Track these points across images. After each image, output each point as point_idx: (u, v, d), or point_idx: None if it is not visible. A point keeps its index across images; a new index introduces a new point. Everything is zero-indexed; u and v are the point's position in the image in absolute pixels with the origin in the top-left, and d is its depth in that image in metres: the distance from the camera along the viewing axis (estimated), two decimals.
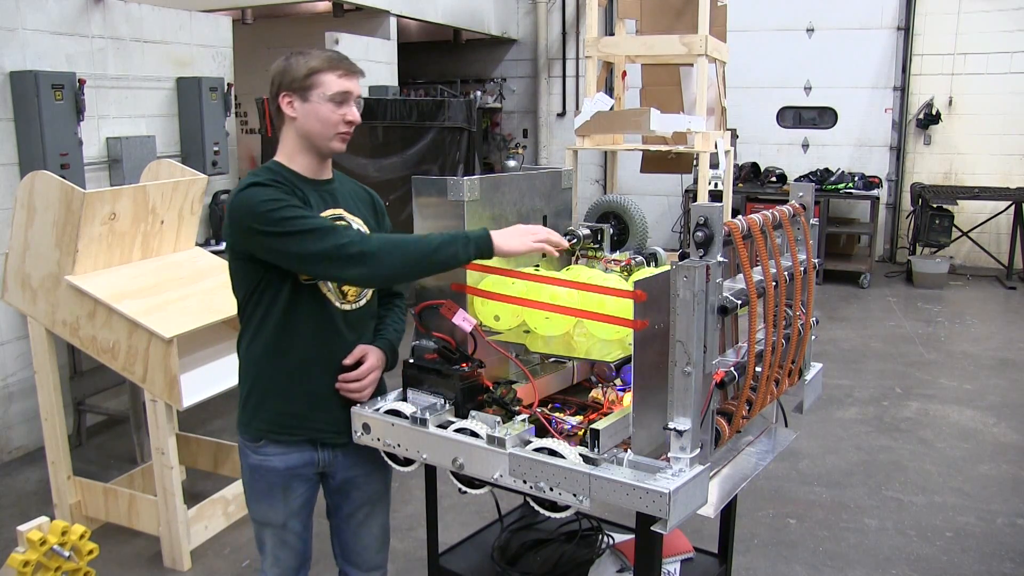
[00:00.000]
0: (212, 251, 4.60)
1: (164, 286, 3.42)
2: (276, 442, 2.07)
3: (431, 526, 2.28)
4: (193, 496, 3.67)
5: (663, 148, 5.35)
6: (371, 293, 2.12)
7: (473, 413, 1.87)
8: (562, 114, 10.26)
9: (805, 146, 9.41)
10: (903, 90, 8.94)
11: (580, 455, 1.68)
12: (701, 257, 1.58)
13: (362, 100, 2.04)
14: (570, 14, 10.03)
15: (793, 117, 9.47)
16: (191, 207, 3.73)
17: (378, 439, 2.00)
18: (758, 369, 1.76)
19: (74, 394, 4.41)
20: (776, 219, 1.86)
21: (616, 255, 2.24)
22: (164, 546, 3.37)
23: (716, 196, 5.14)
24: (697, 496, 1.61)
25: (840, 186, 8.39)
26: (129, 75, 4.97)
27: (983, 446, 4.52)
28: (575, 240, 2.22)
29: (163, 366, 3.07)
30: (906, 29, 8.80)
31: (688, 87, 5.47)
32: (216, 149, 5.42)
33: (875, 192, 8.45)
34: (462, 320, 1.95)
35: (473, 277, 2.00)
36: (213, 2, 6.70)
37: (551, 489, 1.68)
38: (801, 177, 8.86)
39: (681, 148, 5.27)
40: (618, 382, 2.07)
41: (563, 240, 1.99)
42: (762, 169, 9.08)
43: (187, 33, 5.37)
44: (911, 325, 6.89)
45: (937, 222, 8.21)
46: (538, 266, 2.13)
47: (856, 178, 8.49)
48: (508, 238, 1.88)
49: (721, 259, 1.59)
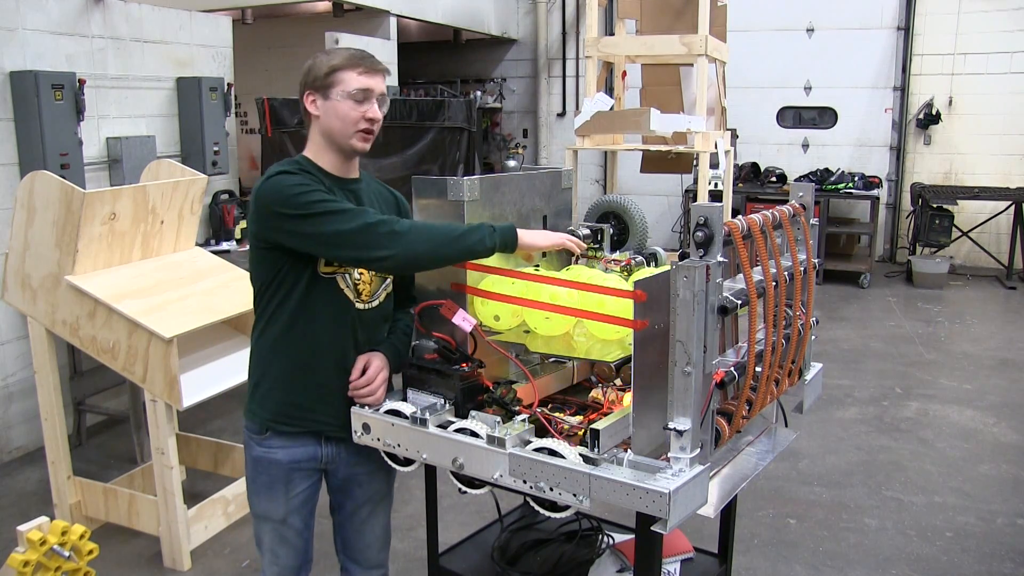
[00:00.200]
0: (212, 251, 4.62)
1: (164, 286, 3.42)
2: (280, 434, 2.09)
3: (431, 526, 2.28)
4: (193, 496, 3.67)
5: (663, 148, 5.35)
6: (384, 296, 2.13)
7: (473, 413, 1.87)
8: (562, 114, 10.26)
9: (805, 146, 9.41)
10: (903, 90, 8.94)
11: (580, 455, 1.68)
12: (701, 257, 1.58)
13: (388, 99, 2.04)
14: (570, 14, 10.03)
15: (793, 117, 9.47)
16: (191, 207, 3.73)
17: (378, 439, 2.00)
18: (758, 369, 1.76)
19: (74, 394, 4.41)
20: (776, 219, 1.86)
21: (616, 255, 2.23)
22: (164, 546, 3.37)
23: (716, 196, 5.14)
24: (697, 496, 1.61)
25: (840, 186, 8.39)
26: (129, 75, 4.97)
27: (983, 446, 4.52)
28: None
29: (163, 366, 3.07)
30: (906, 29, 8.80)
31: (688, 87, 5.48)
32: (216, 149, 5.41)
33: (875, 192, 8.44)
34: (462, 320, 1.95)
35: (473, 277, 2.00)
36: (213, 2, 6.69)
37: (551, 489, 1.68)
38: (801, 177, 8.86)
39: (681, 148, 5.27)
40: (618, 382, 2.07)
41: (582, 243, 2.14)
42: (762, 169, 9.08)
43: (187, 33, 5.37)
44: (911, 325, 6.89)
45: (937, 222, 8.21)
46: (538, 266, 2.12)
47: (856, 178, 8.49)
48: (532, 233, 1.99)
49: (721, 259, 1.59)
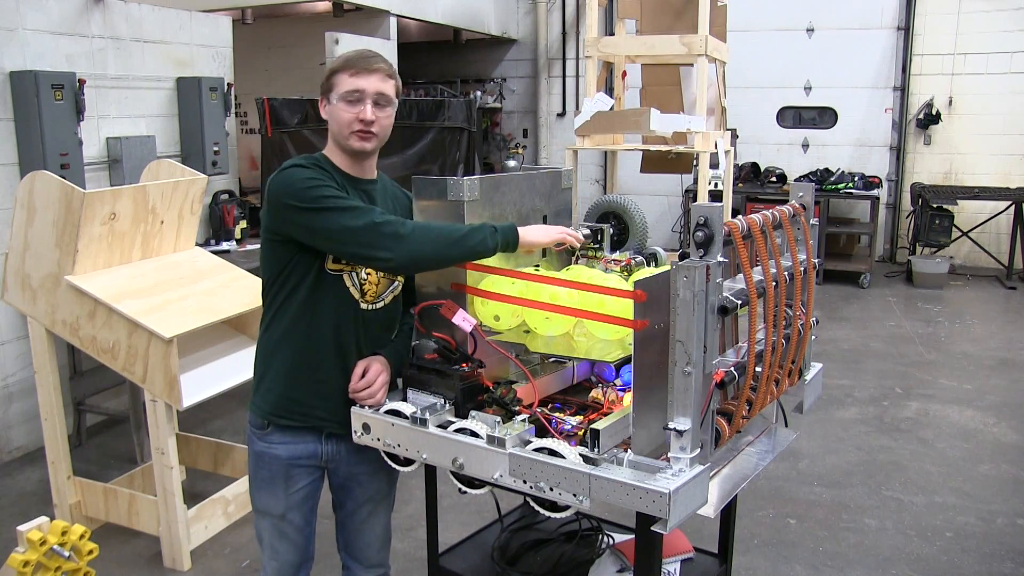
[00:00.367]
0: (212, 251, 4.62)
1: (164, 286, 3.42)
2: (281, 429, 2.10)
3: (431, 526, 2.28)
4: (193, 496, 3.67)
5: (663, 148, 5.35)
6: (392, 298, 2.13)
7: (473, 413, 1.87)
8: (562, 114, 10.26)
9: (805, 146, 9.41)
10: (903, 90, 8.94)
11: (580, 455, 1.68)
12: (701, 257, 1.58)
13: (391, 98, 2.03)
14: (570, 14, 10.03)
15: (793, 117, 9.47)
16: (191, 207, 3.73)
17: (378, 439, 2.00)
18: (758, 369, 1.76)
19: (74, 394, 4.41)
20: (776, 219, 1.86)
21: (616, 255, 2.23)
22: (164, 546, 3.37)
23: (716, 196, 5.14)
24: (697, 496, 1.61)
25: (840, 186, 8.39)
26: (129, 75, 4.97)
27: (983, 446, 4.52)
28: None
29: (163, 366, 3.07)
30: (906, 29, 8.80)
31: (688, 87, 5.48)
32: (216, 149, 5.41)
33: (875, 192, 8.44)
34: (462, 320, 1.95)
35: (473, 277, 2.00)
36: (213, 2, 6.69)
37: (551, 489, 1.68)
38: (801, 177, 8.86)
39: (681, 148, 5.27)
40: (618, 382, 2.07)
41: (580, 236, 2.14)
42: (762, 169, 9.08)
43: (187, 33, 5.37)
44: (911, 325, 6.89)
45: (937, 222, 8.21)
46: (538, 266, 2.13)
47: (856, 178, 8.49)
48: (532, 230, 2.01)
49: (721, 259, 1.59)
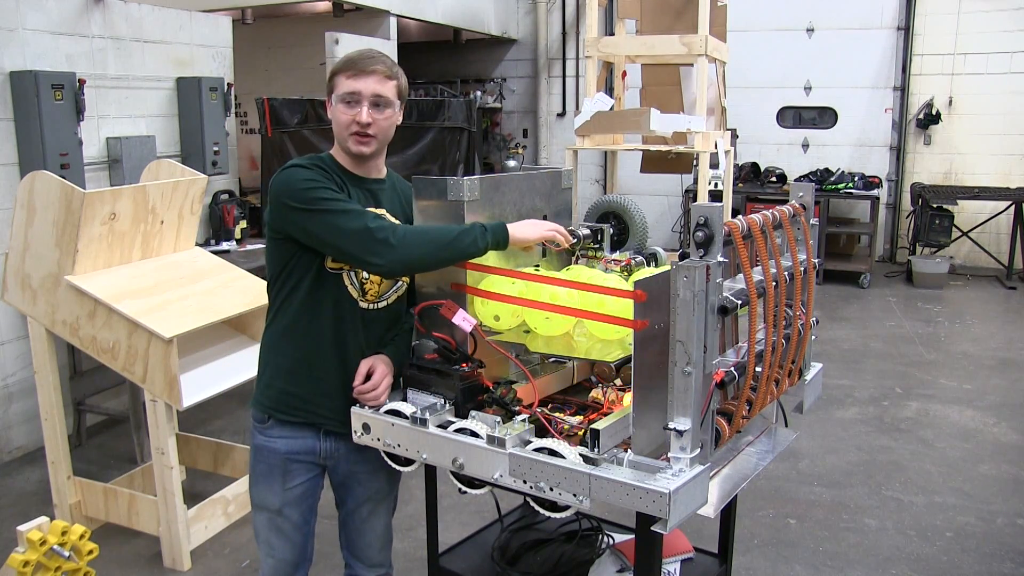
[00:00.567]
0: (212, 251, 4.62)
1: (164, 286, 3.42)
2: (281, 423, 2.12)
3: (431, 526, 2.28)
4: (193, 496, 3.67)
5: (663, 148, 5.35)
6: (395, 298, 2.14)
7: (473, 413, 1.87)
8: (562, 114, 10.26)
9: (805, 146, 9.41)
10: (903, 90, 8.94)
11: (580, 455, 1.68)
12: (701, 257, 1.58)
13: (391, 100, 2.03)
14: (570, 14, 10.03)
15: (793, 117, 9.47)
16: (191, 207, 3.73)
17: (378, 439, 2.00)
18: (758, 369, 1.76)
19: (74, 394, 4.41)
20: (776, 219, 1.86)
21: (616, 255, 2.23)
22: (164, 546, 3.37)
23: (716, 196, 5.14)
24: (697, 496, 1.61)
25: (840, 186, 8.39)
26: (129, 75, 4.97)
27: (983, 446, 4.52)
28: (575, 240, 2.22)
29: (163, 366, 3.07)
30: (906, 29, 8.80)
31: (688, 87, 5.47)
32: (216, 149, 5.41)
33: (875, 192, 8.44)
34: (462, 320, 1.95)
35: (473, 277, 2.00)
36: (213, 2, 6.69)
37: (551, 489, 1.68)
38: (801, 177, 8.86)
39: (681, 148, 5.27)
40: (618, 382, 2.07)
41: (569, 236, 2.10)
42: (762, 169, 9.08)
43: (187, 33, 5.37)
44: (911, 325, 6.89)
45: (937, 222, 8.21)
46: (538, 266, 2.12)
47: (856, 178, 8.49)
48: (522, 227, 2.02)
49: (721, 259, 1.59)
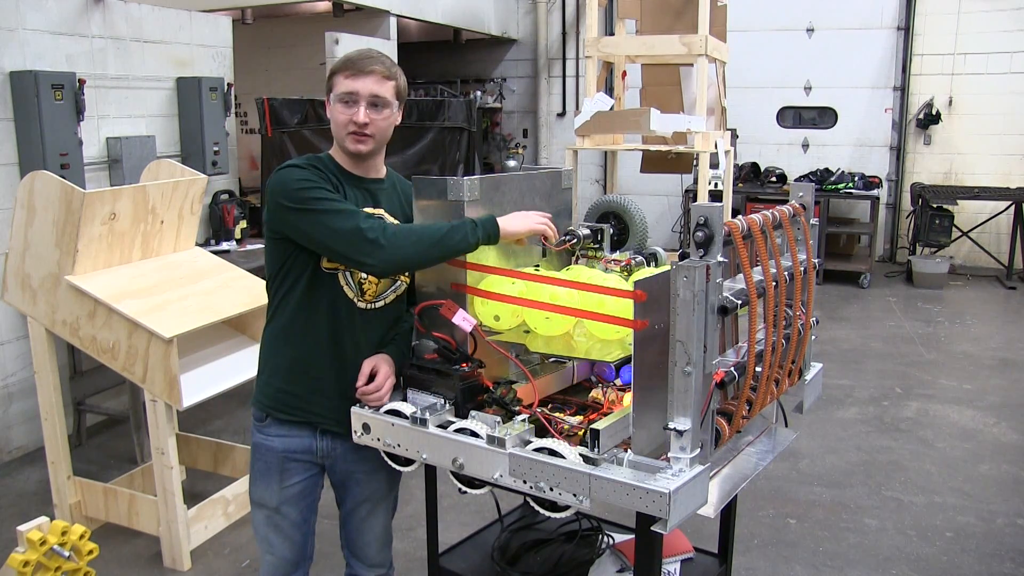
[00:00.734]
0: (212, 251, 4.62)
1: (164, 286, 3.42)
2: (278, 422, 2.13)
3: (431, 526, 2.28)
4: (193, 496, 3.67)
5: (663, 148, 5.35)
6: (393, 298, 2.14)
7: (473, 413, 1.87)
8: (562, 114, 10.26)
9: (805, 146, 9.41)
10: (903, 90, 8.94)
11: (580, 455, 1.68)
12: (701, 257, 1.58)
13: (389, 100, 2.03)
14: (570, 14, 10.03)
15: (793, 117, 9.47)
16: (191, 207, 3.73)
17: (378, 439, 2.00)
18: (758, 369, 1.76)
19: (74, 394, 4.41)
20: (776, 219, 1.86)
21: (616, 255, 2.23)
22: (164, 546, 3.37)
23: (716, 196, 5.15)
24: (697, 496, 1.61)
25: (840, 186, 8.39)
26: (129, 75, 4.97)
27: (983, 446, 4.52)
28: (575, 240, 2.22)
29: (163, 366, 3.07)
30: (906, 29, 8.80)
31: (688, 87, 5.47)
32: (216, 149, 5.41)
33: (875, 192, 8.44)
34: (462, 320, 1.95)
35: (473, 277, 2.00)
36: (213, 2, 6.69)
37: (551, 489, 1.68)
38: (801, 177, 8.86)
39: (681, 148, 5.27)
40: (618, 382, 2.07)
41: (555, 230, 2.09)
42: (762, 169, 9.08)
43: (187, 33, 5.37)
44: (911, 325, 6.89)
45: (937, 222, 8.21)
46: (538, 266, 2.12)
47: (856, 178, 8.49)
48: (512, 220, 2.02)
49: (721, 259, 1.58)
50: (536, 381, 1.98)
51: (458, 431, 1.85)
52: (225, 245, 5.37)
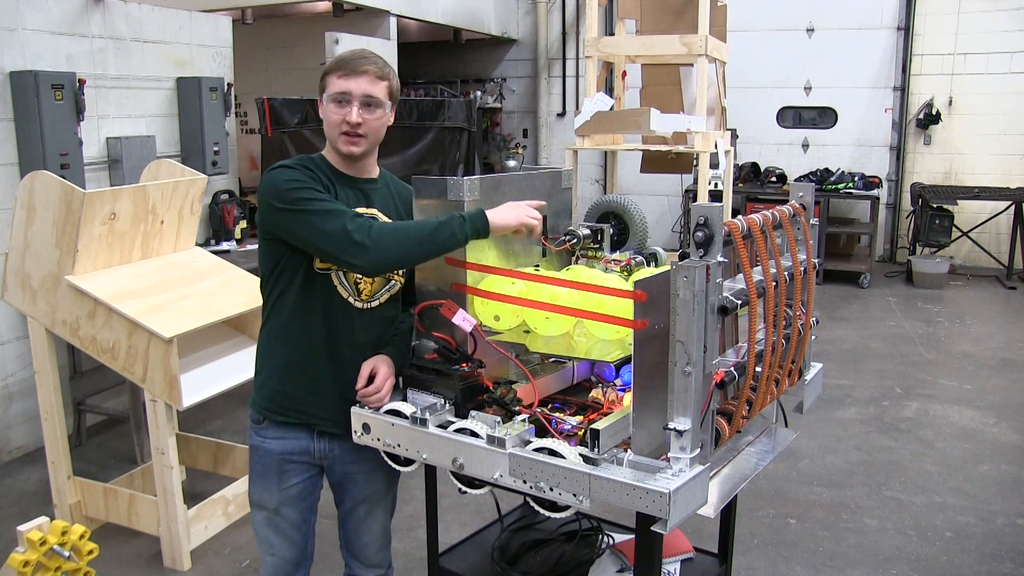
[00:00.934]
0: (212, 251, 4.62)
1: (164, 286, 3.42)
2: (276, 423, 2.13)
3: (431, 526, 2.28)
4: (193, 496, 3.67)
5: (663, 148, 5.35)
6: (387, 297, 2.14)
7: (473, 413, 1.87)
8: (562, 114, 10.26)
9: (805, 146, 9.41)
10: (903, 90, 8.94)
11: (580, 455, 1.68)
12: (701, 257, 1.58)
13: (382, 100, 2.02)
14: (570, 14, 10.03)
15: (793, 117, 9.47)
16: (191, 207, 3.73)
17: (378, 439, 2.00)
18: (758, 369, 1.76)
19: (74, 394, 4.41)
20: (776, 219, 1.86)
21: (616, 255, 2.23)
22: (164, 546, 3.37)
23: (716, 196, 5.14)
24: (697, 496, 1.61)
25: (840, 186, 8.39)
26: (129, 75, 4.97)
27: (983, 446, 4.52)
28: (575, 240, 2.22)
29: (163, 366, 3.07)
30: (906, 29, 8.80)
31: (688, 87, 5.48)
32: (216, 149, 5.41)
33: (875, 192, 8.44)
34: (462, 320, 1.95)
35: (473, 277, 2.00)
36: (213, 2, 6.69)
37: (551, 489, 1.68)
38: (801, 177, 8.86)
39: (681, 148, 5.27)
40: (618, 382, 2.07)
41: (540, 221, 2.02)
42: (762, 169, 9.08)
43: (187, 33, 5.37)
44: (911, 325, 6.89)
45: (937, 222, 8.21)
46: (538, 266, 2.13)
47: (856, 178, 8.49)
48: (501, 212, 1.96)
49: (721, 259, 1.59)
50: (536, 381, 1.98)
51: (458, 431, 1.85)
52: (225, 245, 5.37)
